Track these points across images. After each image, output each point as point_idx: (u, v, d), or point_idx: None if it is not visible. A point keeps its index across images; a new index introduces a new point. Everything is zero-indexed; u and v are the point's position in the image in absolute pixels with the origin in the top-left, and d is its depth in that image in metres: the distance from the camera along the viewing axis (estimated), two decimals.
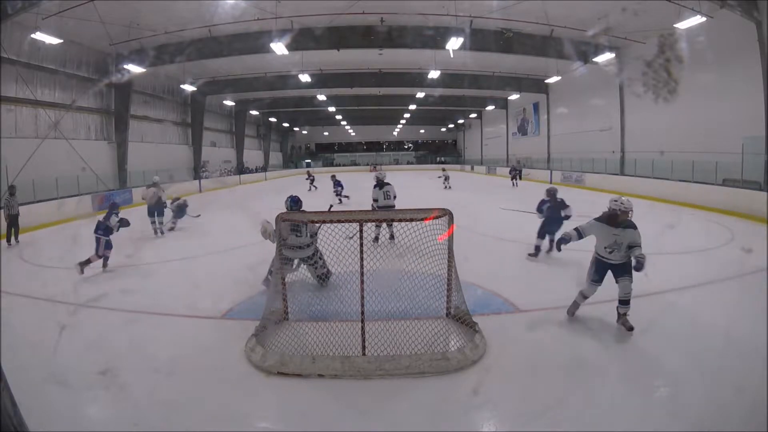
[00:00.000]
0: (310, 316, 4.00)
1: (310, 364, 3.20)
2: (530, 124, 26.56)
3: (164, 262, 6.82)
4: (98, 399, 2.98)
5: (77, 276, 5.80)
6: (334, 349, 3.35)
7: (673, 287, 4.82)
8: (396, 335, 3.44)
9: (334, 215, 3.85)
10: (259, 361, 3.25)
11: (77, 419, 2.73)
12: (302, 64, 16.06)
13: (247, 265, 5.74)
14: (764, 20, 9.18)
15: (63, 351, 3.49)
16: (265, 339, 3.54)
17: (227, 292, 4.93)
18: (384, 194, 7.07)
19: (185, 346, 3.67)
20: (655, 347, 3.47)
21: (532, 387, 2.97)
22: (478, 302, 4.26)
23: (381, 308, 3.75)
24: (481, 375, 3.09)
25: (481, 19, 12.11)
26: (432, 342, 3.39)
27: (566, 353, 3.42)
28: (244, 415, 2.76)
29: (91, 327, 4.13)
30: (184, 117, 22.35)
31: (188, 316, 4.33)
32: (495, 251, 7.09)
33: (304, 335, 3.54)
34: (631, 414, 2.64)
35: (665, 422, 2.57)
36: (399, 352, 3.29)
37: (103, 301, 4.75)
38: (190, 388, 3.03)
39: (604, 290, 4.58)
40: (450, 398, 2.89)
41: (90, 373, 3.17)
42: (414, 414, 2.72)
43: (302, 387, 3.02)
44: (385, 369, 3.13)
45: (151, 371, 3.21)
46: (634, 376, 3.09)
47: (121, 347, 3.65)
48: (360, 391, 2.97)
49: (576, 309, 4.01)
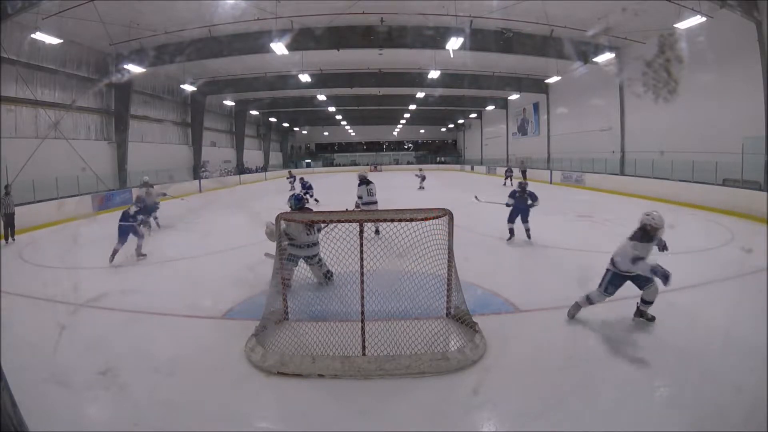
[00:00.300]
0: (310, 316, 4.00)
1: (310, 364, 3.20)
2: (530, 124, 26.56)
3: (164, 262, 6.81)
4: (98, 399, 2.98)
5: (77, 276, 5.81)
6: (334, 349, 3.35)
7: (673, 287, 4.76)
8: (396, 335, 3.44)
9: (334, 215, 3.85)
10: (259, 361, 3.25)
11: (77, 419, 2.73)
12: (302, 64, 16.08)
13: (247, 265, 5.75)
14: (764, 20, 9.19)
15: (63, 351, 3.49)
16: (265, 339, 3.53)
17: (227, 292, 4.93)
18: (367, 192, 7.65)
19: (185, 346, 3.67)
20: (655, 347, 3.47)
21: (532, 387, 2.96)
22: (478, 302, 4.26)
23: (381, 308, 3.74)
24: (481, 375, 3.09)
25: (481, 19, 12.12)
26: (432, 342, 3.39)
27: (566, 353, 3.42)
28: (244, 415, 2.76)
29: (91, 327, 4.13)
30: (184, 117, 22.36)
31: (188, 316, 4.33)
32: (495, 251, 7.09)
33: (304, 335, 3.54)
34: (631, 414, 2.64)
35: (665, 422, 2.57)
36: (399, 352, 3.29)
37: (103, 301, 4.74)
38: (190, 388, 3.03)
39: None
40: (450, 398, 2.89)
41: (90, 373, 3.17)
42: (414, 414, 2.72)
43: (302, 387, 3.02)
44: (385, 369, 3.13)
45: (151, 371, 3.21)
46: (634, 375, 3.09)
47: (121, 347, 3.65)
48: (360, 391, 2.97)
49: (577, 311, 3.99)
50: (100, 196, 13.58)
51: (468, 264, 5.12)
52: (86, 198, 13.16)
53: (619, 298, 4.37)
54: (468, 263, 5.24)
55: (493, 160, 31.08)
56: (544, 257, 6.56)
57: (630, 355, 3.39)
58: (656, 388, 2.99)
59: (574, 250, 6.79)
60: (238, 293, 4.85)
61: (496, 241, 7.74)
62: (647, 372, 3.15)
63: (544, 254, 6.71)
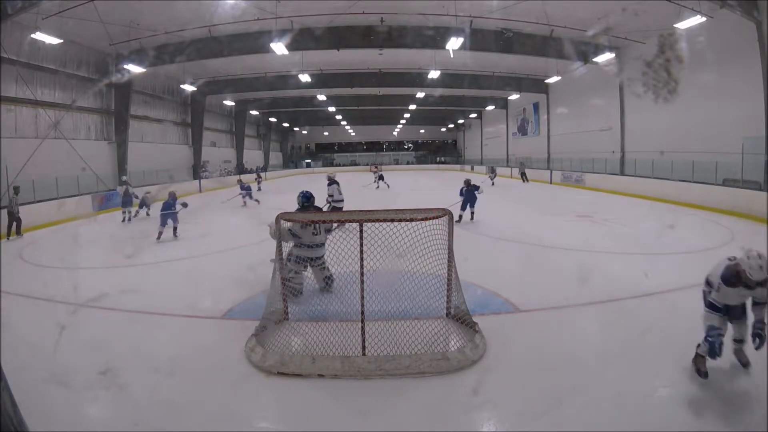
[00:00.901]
0: (310, 316, 3.99)
1: (310, 364, 3.19)
2: (530, 124, 26.55)
3: (164, 262, 6.81)
4: (98, 399, 2.98)
5: (77, 276, 5.83)
6: (334, 349, 3.35)
7: (673, 287, 4.79)
8: (396, 335, 3.43)
9: (334, 215, 3.86)
10: (259, 361, 3.24)
11: (77, 419, 2.73)
12: (302, 64, 16.07)
13: (247, 265, 5.74)
14: (764, 20, 9.18)
15: (63, 351, 3.49)
16: (265, 339, 3.53)
17: (227, 291, 4.93)
18: (338, 191, 8.66)
19: (185, 346, 3.66)
20: (656, 347, 3.46)
21: (532, 387, 2.96)
22: (478, 302, 4.26)
23: (381, 308, 3.74)
24: (481, 375, 3.09)
25: (481, 19, 12.11)
26: (432, 342, 3.38)
27: (566, 353, 3.41)
28: (244, 415, 2.76)
29: (92, 327, 4.13)
30: (184, 117, 22.34)
31: (188, 316, 4.33)
32: (494, 251, 7.09)
33: (304, 335, 3.54)
34: (631, 414, 2.64)
35: (665, 422, 2.57)
36: (399, 352, 3.28)
37: (103, 301, 4.73)
38: (190, 388, 3.03)
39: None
40: (450, 398, 2.88)
41: (90, 373, 3.16)
42: (414, 414, 2.72)
43: (302, 387, 3.01)
44: (385, 369, 3.13)
45: (151, 371, 3.21)
46: (634, 376, 3.08)
47: (121, 347, 3.64)
48: (360, 391, 2.97)
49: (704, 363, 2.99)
50: (100, 196, 13.56)
51: (467, 264, 5.08)
52: (86, 198, 13.16)
53: (617, 299, 4.38)
54: (467, 263, 5.20)
55: (494, 160, 31.05)
56: (543, 257, 6.55)
57: (630, 355, 3.38)
58: (656, 388, 2.98)
59: (574, 250, 6.79)
60: (238, 293, 4.84)
61: (494, 241, 7.75)
62: (647, 372, 3.13)
63: (544, 254, 6.71)
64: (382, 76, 19.29)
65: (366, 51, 15.01)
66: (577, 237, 8.04)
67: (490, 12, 11.73)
